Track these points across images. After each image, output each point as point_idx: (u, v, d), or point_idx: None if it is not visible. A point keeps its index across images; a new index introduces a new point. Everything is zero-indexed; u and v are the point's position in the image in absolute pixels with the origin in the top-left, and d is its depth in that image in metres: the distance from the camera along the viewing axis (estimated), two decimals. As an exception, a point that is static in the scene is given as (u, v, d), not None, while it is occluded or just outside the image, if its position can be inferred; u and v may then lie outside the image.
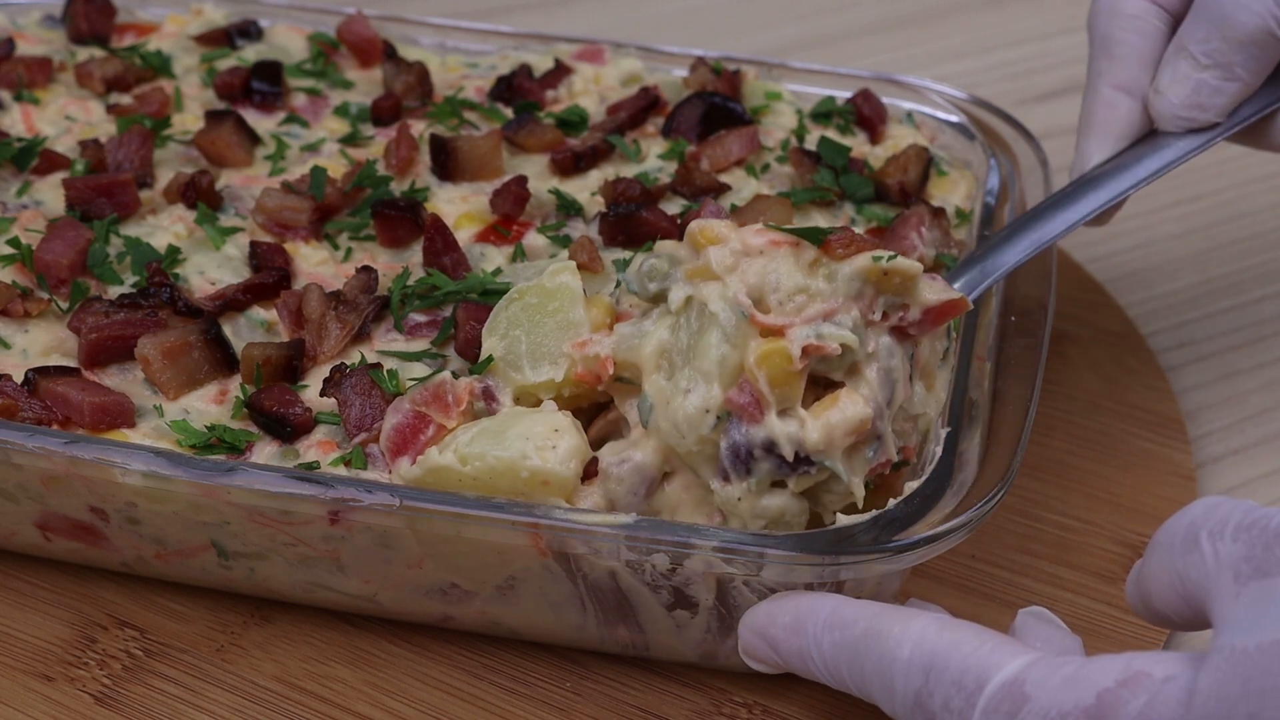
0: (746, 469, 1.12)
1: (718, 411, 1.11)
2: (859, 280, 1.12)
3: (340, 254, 1.37)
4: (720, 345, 1.11)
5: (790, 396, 1.11)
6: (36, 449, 1.16)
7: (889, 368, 1.14)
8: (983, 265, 1.32)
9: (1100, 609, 1.30)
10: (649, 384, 1.14)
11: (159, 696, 1.22)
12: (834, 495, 1.14)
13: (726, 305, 1.11)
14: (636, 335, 1.16)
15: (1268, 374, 1.59)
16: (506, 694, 1.23)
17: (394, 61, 1.59)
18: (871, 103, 1.56)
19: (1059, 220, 1.34)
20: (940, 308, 1.15)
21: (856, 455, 1.13)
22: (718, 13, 2.29)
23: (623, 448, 1.16)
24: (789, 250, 1.13)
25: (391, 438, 1.16)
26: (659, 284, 1.17)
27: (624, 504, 1.15)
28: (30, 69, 1.57)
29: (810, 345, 1.10)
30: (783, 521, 1.13)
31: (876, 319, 1.14)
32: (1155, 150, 1.35)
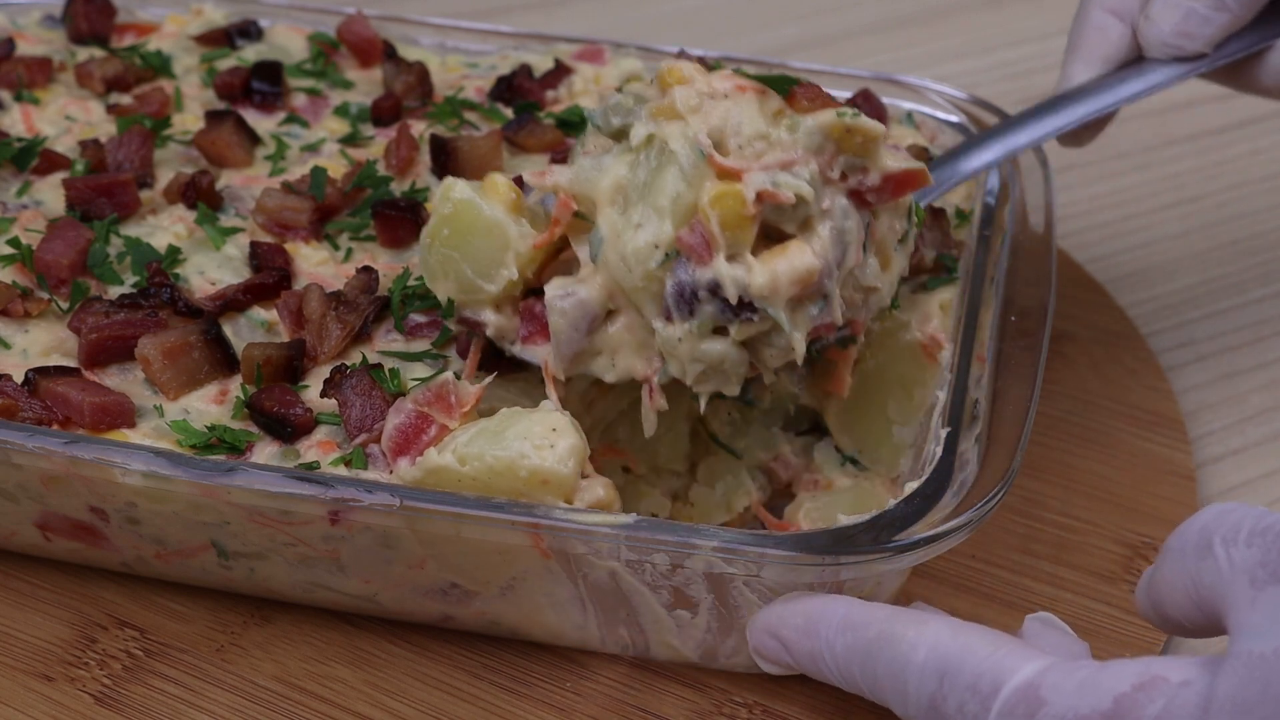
0: (690, 310, 1.12)
1: (667, 248, 1.11)
2: (820, 135, 1.13)
3: (341, 254, 1.37)
4: (676, 183, 1.11)
5: (740, 241, 1.11)
6: (36, 449, 1.16)
7: (842, 228, 1.14)
8: (953, 165, 1.35)
9: (1100, 609, 1.30)
10: (602, 218, 1.15)
11: (159, 696, 1.22)
12: (775, 350, 1.14)
13: (686, 144, 1.12)
14: (596, 169, 1.16)
15: (1268, 374, 1.59)
16: (506, 694, 1.23)
17: (394, 61, 1.59)
18: (871, 103, 1.56)
19: (1033, 129, 1.36)
20: (900, 176, 1.16)
21: (800, 310, 1.13)
22: (718, 13, 2.29)
23: (569, 282, 1.16)
24: (754, 96, 1.14)
25: (394, 438, 1.16)
26: (622, 119, 1.17)
27: (565, 338, 1.15)
28: (30, 69, 1.57)
29: (765, 191, 1.10)
30: (721, 370, 1.14)
31: (835, 177, 1.14)
32: (1139, 74, 1.36)
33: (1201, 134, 1.98)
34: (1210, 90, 2.06)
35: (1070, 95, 1.37)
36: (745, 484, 1.33)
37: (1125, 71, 1.37)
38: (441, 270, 1.21)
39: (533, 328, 1.19)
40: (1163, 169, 1.92)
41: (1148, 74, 1.36)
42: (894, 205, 1.18)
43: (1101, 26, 1.37)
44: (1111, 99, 1.36)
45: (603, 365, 1.18)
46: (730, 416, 1.35)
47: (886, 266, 1.20)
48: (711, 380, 1.15)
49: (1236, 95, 2.05)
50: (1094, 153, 1.95)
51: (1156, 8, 1.34)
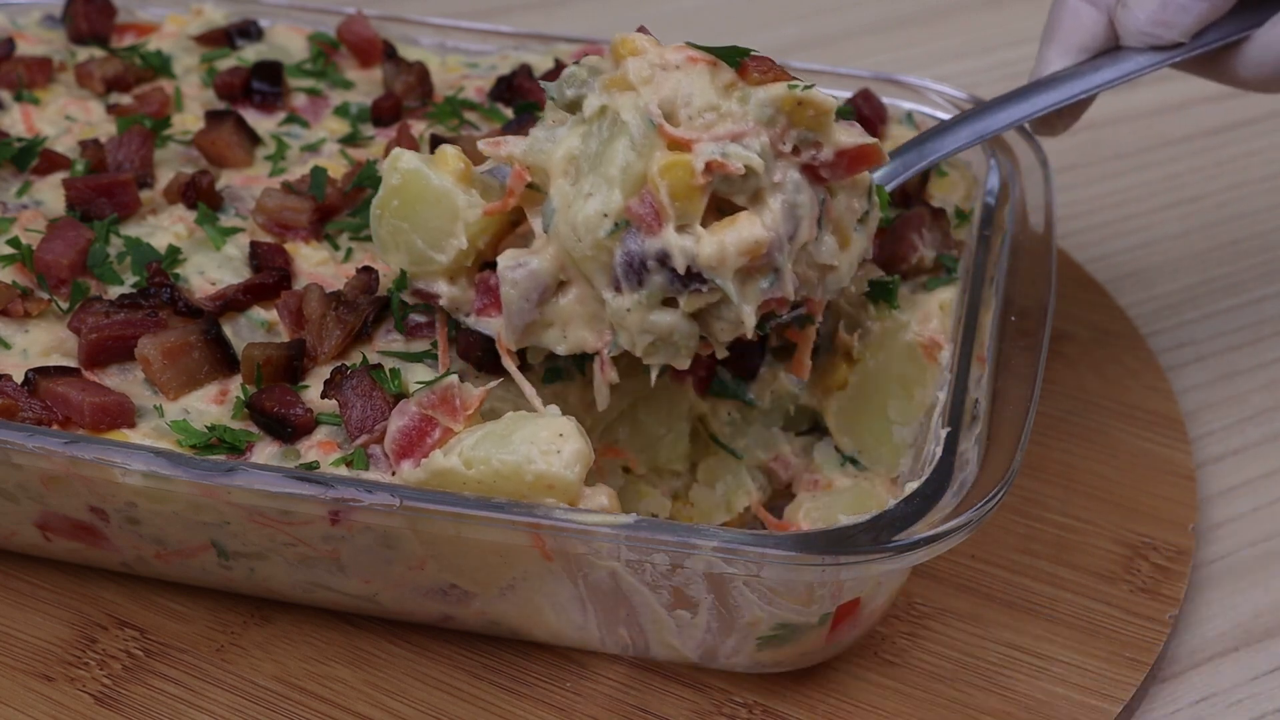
0: (639, 280, 1.13)
1: (616, 218, 1.12)
2: (772, 107, 1.13)
3: (341, 254, 1.37)
4: (626, 153, 1.12)
5: (690, 212, 1.12)
6: (36, 449, 1.16)
7: (794, 202, 1.14)
8: (920, 148, 1.34)
9: (1100, 609, 1.30)
10: (555, 188, 1.15)
11: (159, 696, 1.22)
12: (725, 323, 1.15)
13: (637, 115, 1.12)
14: (549, 140, 1.17)
15: (1268, 374, 1.59)
16: (506, 694, 1.23)
17: (394, 62, 1.59)
18: (871, 103, 1.56)
19: (1005, 114, 1.36)
20: (853, 152, 1.16)
21: (751, 283, 1.13)
22: (718, 13, 2.29)
23: (522, 253, 1.17)
24: (705, 68, 1.14)
25: (397, 440, 1.16)
26: (576, 91, 1.18)
27: (516, 309, 1.16)
28: (30, 69, 1.57)
29: (714, 162, 1.11)
30: (670, 342, 1.14)
31: (787, 150, 1.14)
32: (1114, 62, 1.35)
33: (1201, 134, 1.98)
34: (1209, 91, 2.06)
35: (1044, 82, 1.36)
36: (745, 484, 1.33)
37: (1100, 60, 1.36)
38: (393, 242, 1.22)
39: (487, 300, 1.20)
40: (1162, 169, 1.92)
41: (1123, 62, 1.35)
42: (851, 183, 1.18)
43: (1077, 13, 1.36)
44: (1085, 86, 1.35)
45: (554, 337, 1.19)
46: (730, 416, 1.35)
47: (845, 246, 1.20)
48: (661, 352, 1.16)
49: (1236, 95, 2.06)
50: (1093, 153, 1.95)
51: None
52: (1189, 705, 1.26)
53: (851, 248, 1.20)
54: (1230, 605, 1.34)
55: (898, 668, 1.26)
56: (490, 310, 1.20)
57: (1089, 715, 1.22)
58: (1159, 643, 1.27)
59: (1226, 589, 1.36)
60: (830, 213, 1.18)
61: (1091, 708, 1.23)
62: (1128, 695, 1.23)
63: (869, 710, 1.22)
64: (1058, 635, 1.28)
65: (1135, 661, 1.26)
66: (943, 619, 1.29)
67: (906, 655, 1.27)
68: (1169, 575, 1.33)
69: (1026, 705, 1.23)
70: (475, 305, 1.21)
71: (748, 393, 1.34)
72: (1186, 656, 1.30)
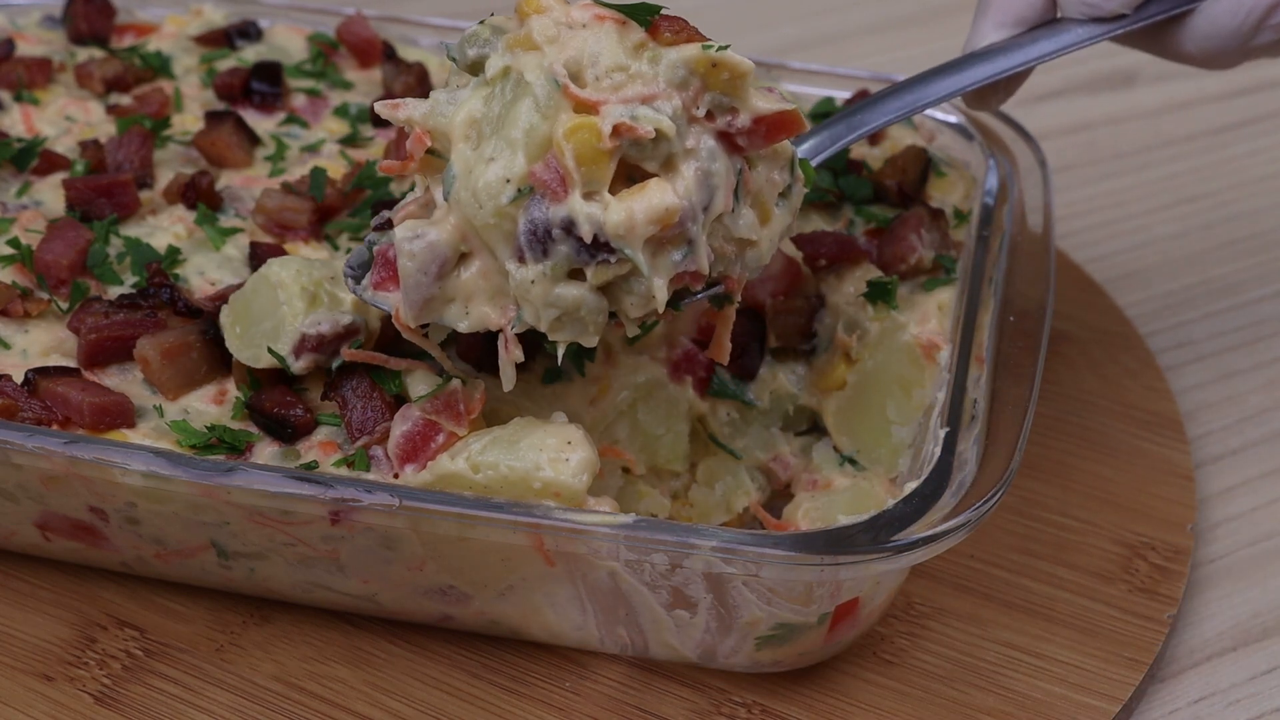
0: (543, 250, 1.07)
1: (519, 183, 1.06)
2: (685, 69, 1.08)
3: (340, 255, 1.37)
4: (530, 115, 1.06)
5: (597, 178, 1.06)
6: (36, 449, 1.16)
7: (709, 170, 1.08)
8: (849, 120, 1.29)
9: (1099, 609, 1.30)
10: (455, 154, 1.09)
11: (159, 696, 1.22)
12: (635, 297, 1.09)
13: (541, 75, 1.07)
14: (451, 103, 1.11)
15: (1266, 374, 1.59)
16: (506, 694, 1.23)
17: (393, 62, 1.60)
18: (870, 103, 1.56)
19: (938, 86, 1.30)
20: (772, 118, 1.10)
21: (662, 255, 1.08)
22: (717, 13, 2.29)
23: (420, 224, 1.11)
24: (614, 27, 1.09)
25: (401, 445, 1.16)
26: (478, 51, 1.12)
27: (413, 283, 1.11)
28: (30, 69, 1.57)
29: (622, 125, 1.05)
30: (577, 317, 1.09)
31: (701, 115, 1.09)
32: (1053, 34, 1.29)
33: (1200, 134, 1.98)
34: (1209, 90, 2.07)
35: (979, 55, 1.30)
36: (744, 484, 1.33)
37: (1038, 31, 1.30)
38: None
39: (385, 273, 1.15)
40: (1161, 169, 1.92)
41: (1062, 34, 1.28)
42: (772, 154, 1.13)
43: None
44: (1022, 59, 1.29)
45: (455, 313, 1.13)
46: (729, 417, 1.35)
47: (766, 220, 1.14)
48: (567, 328, 1.10)
49: (1235, 95, 2.06)
50: (1092, 153, 1.95)
51: None
52: (1187, 705, 1.26)
53: (773, 223, 1.15)
54: (1228, 605, 1.34)
55: (896, 667, 1.26)
56: (388, 285, 1.15)
57: (1087, 715, 1.22)
58: (1157, 642, 1.28)
59: (1225, 589, 1.36)
60: (749, 184, 1.12)
61: (1090, 707, 1.23)
62: (1126, 695, 1.24)
63: (868, 710, 1.22)
64: (1056, 635, 1.28)
65: (1134, 661, 1.26)
66: (941, 619, 1.29)
67: (905, 655, 1.27)
68: (1167, 575, 1.33)
69: (1025, 705, 1.23)
70: (373, 279, 1.15)
71: (747, 393, 1.34)
72: (1185, 656, 1.30)
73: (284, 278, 1.21)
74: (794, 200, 1.16)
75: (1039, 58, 1.29)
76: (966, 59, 1.30)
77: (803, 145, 1.29)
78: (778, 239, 1.16)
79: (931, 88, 1.30)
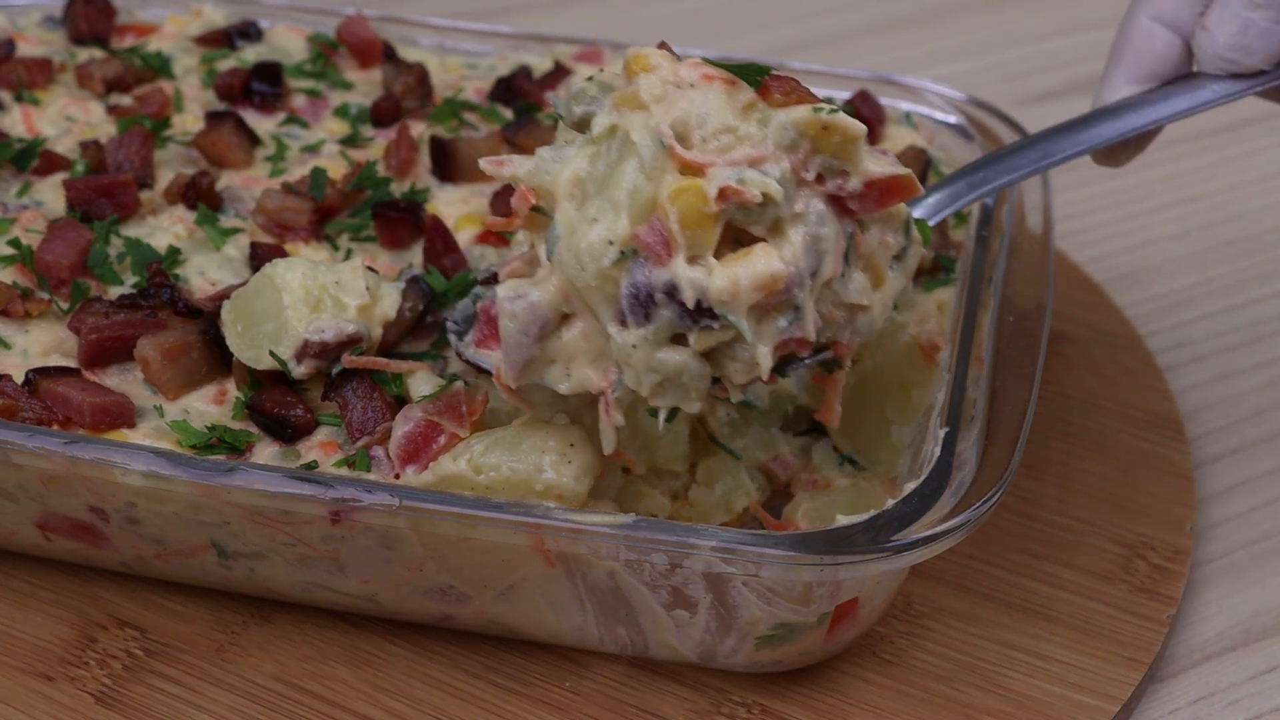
0: (645, 314, 1.04)
1: (622, 245, 1.04)
2: (794, 131, 1.05)
3: (340, 255, 1.37)
4: (635, 175, 1.04)
5: (702, 242, 1.03)
6: (36, 449, 1.16)
7: (817, 235, 1.05)
8: (970, 178, 1.25)
9: (1099, 608, 1.30)
10: (560, 213, 1.07)
11: (159, 696, 1.22)
12: (739, 363, 1.06)
13: (648, 135, 1.04)
14: (556, 160, 1.08)
15: (1265, 374, 1.59)
16: (506, 694, 1.23)
17: (393, 62, 1.60)
18: (870, 104, 1.56)
19: (1065, 143, 1.24)
20: (884, 183, 1.06)
21: (768, 321, 1.05)
22: (716, 13, 2.29)
23: (523, 284, 1.09)
24: (723, 87, 1.06)
25: (403, 446, 1.16)
26: (585, 108, 1.10)
27: (514, 344, 1.08)
28: (30, 70, 1.57)
29: (729, 188, 1.02)
30: (679, 383, 1.06)
31: (810, 179, 1.05)
32: (1188, 90, 1.23)
33: (1199, 134, 1.98)
34: (1208, 91, 2.07)
35: (1110, 110, 1.24)
36: (744, 484, 1.33)
37: (1172, 87, 1.24)
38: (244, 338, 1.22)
39: (487, 331, 1.12)
40: (1160, 169, 1.92)
41: (1197, 90, 1.23)
42: (885, 216, 1.10)
43: (1149, 34, 1.24)
44: (1155, 116, 1.23)
45: (557, 375, 1.11)
46: (729, 417, 1.35)
47: (878, 284, 1.11)
48: (669, 393, 1.07)
49: (1234, 96, 2.06)
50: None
51: (1214, 18, 1.21)
52: (1186, 705, 1.27)
53: (886, 286, 1.11)
54: (1228, 605, 1.35)
55: (896, 667, 1.26)
56: (490, 343, 1.12)
57: (1087, 715, 1.22)
58: (1157, 642, 1.28)
59: (1224, 589, 1.36)
60: (860, 248, 1.09)
61: (1089, 707, 1.23)
62: (1125, 695, 1.24)
63: (867, 710, 1.23)
64: (1056, 635, 1.28)
65: (1133, 661, 1.26)
66: (941, 619, 1.30)
67: (905, 655, 1.27)
68: (1167, 575, 1.33)
69: (1024, 705, 1.23)
70: (475, 335, 1.14)
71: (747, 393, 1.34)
72: (1184, 656, 1.30)
73: (289, 280, 1.21)
74: (909, 262, 1.12)
75: (1172, 115, 1.24)
76: (1096, 115, 1.25)
77: (920, 205, 1.24)
78: (891, 302, 1.12)
79: (1058, 144, 1.25)
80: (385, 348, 1.25)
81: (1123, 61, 1.25)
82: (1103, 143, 1.23)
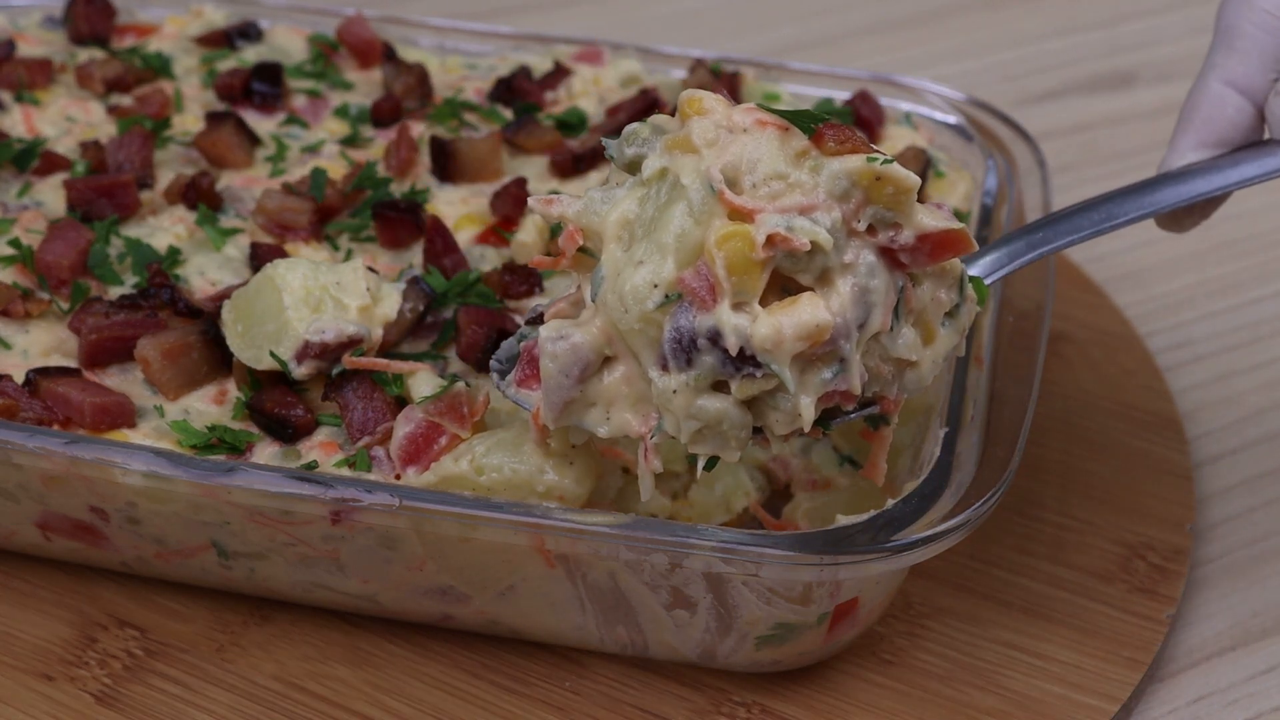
0: (688, 359, 1.03)
1: (667, 289, 1.03)
2: (846, 180, 1.03)
3: (340, 255, 1.38)
4: (683, 219, 1.03)
5: (748, 288, 1.02)
6: (37, 449, 1.16)
7: (867, 287, 1.03)
8: (1029, 238, 1.22)
9: (1098, 609, 1.30)
10: (606, 254, 1.06)
11: (159, 696, 1.22)
12: (781, 414, 1.04)
13: (698, 179, 1.03)
14: (606, 202, 1.07)
15: (1265, 374, 1.59)
16: (506, 694, 1.23)
17: (394, 63, 1.60)
18: (870, 104, 1.57)
19: (1129, 206, 1.21)
20: (937, 237, 1.05)
21: (812, 372, 1.03)
22: (716, 13, 2.29)
23: (566, 324, 1.07)
24: (776, 133, 1.04)
25: (404, 447, 1.16)
26: (636, 150, 1.08)
27: (554, 384, 1.07)
28: (31, 70, 1.57)
29: (777, 235, 1.01)
30: (719, 431, 1.05)
31: (861, 229, 1.04)
32: (1259, 156, 1.20)
33: (1199, 135, 1.98)
34: (1208, 91, 2.07)
35: (1176, 175, 1.20)
36: (744, 484, 1.33)
37: (1242, 154, 1.20)
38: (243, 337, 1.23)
39: (529, 370, 1.11)
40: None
41: (1268, 158, 1.19)
42: (939, 271, 1.07)
43: (1221, 101, 1.21)
44: (1222, 182, 1.19)
45: (596, 418, 1.09)
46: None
47: (929, 340, 1.09)
48: (709, 442, 1.06)
49: (1234, 96, 2.06)
50: (1091, 153, 1.96)
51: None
52: (1186, 705, 1.27)
53: (937, 343, 1.09)
54: (1227, 605, 1.35)
55: (896, 667, 1.26)
56: (531, 383, 1.11)
57: (1086, 714, 1.22)
58: (1156, 642, 1.28)
59: (1224, 589, 1.36)
60: (911, 302, 1.06)
61: (1089, 707, 1.23)
62: (1125, 695, 1.24)
63: (867, 709, 1.23)
64: (1055, 635, 1.28)
65: (1132, 661, 1.26)
66: (940, 618, 1.30)
67: (904, 655, 1.27)
68: (1166, 575, 1.33)
69: (1024, 704, 1.23)
70: (517, 375, 1.12)
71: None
72: (1184, 656, 1.30)
73: (290, 281, 1.21)
74: (962, 319, 1.10)
75: (1240, 182, 1.20)
76: (1161, 179, 1.21)
77: (977, 263, 1.22)
78: (941, 360, 1.10)
79: (1121, 207, 1.21)
80: (386, 348, 1.25)
81: (1191, 126, 1.22)
82: (1167, 207, 1.20)
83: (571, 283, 1.13)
